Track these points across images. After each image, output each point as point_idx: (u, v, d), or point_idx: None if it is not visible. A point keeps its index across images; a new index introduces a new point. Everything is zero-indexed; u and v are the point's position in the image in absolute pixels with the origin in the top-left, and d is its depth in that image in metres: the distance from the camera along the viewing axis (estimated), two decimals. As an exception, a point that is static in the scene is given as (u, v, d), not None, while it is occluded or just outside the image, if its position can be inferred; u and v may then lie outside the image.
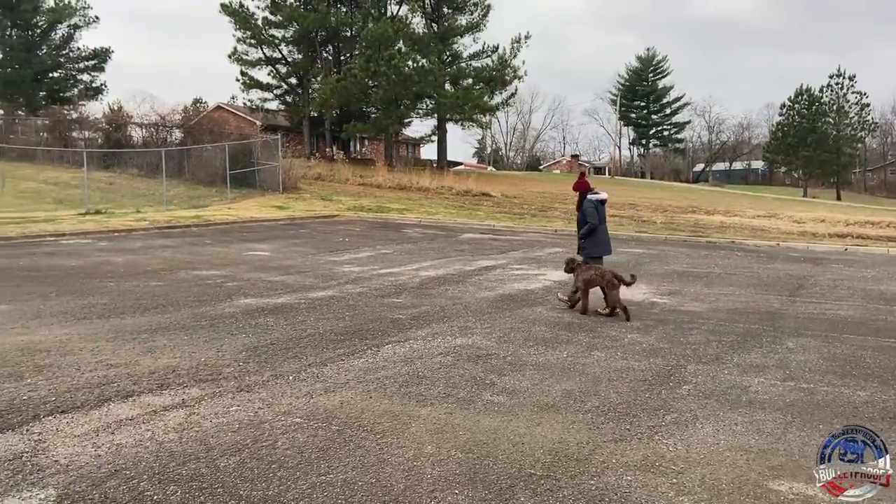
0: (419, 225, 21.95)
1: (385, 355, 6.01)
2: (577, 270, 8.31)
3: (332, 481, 3.45)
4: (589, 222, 8.70)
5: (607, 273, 8.10)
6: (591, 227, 8.71)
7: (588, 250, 8.79)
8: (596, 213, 8.73)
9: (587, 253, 8.80)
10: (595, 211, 8.73)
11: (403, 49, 39.78)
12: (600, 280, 8.04)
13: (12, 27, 51.78)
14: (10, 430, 4.04)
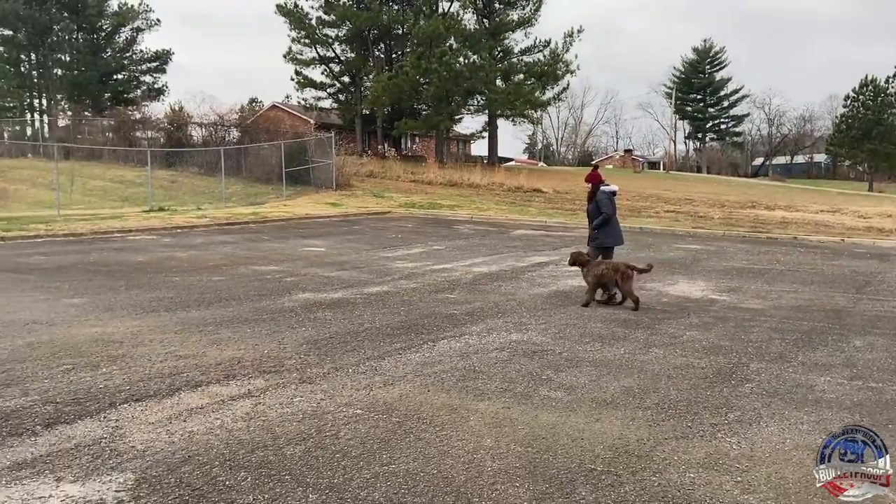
0: (470, 221, 21.99)
1: (441, 350, 6.07)
2: (588, 266, 8.36)
3: (394, 471, 3.52)
4: (603, 213, 8.82)
5: (620, 265, 8.19)
6: (607, 218, 8.82)
7: (601, 240, 8.92)
8: (610, 204, 8.88)
9: (600, 243, 8.92)
10: (609, 202, 8.88)
11: (454, 45, 39.85)
12: (614, 274, 8.12)
13: (78, 31, 53.89)
14: (89, 416, 4.25)
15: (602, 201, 8.85)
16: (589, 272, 8.33)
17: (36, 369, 5.20)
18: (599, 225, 8.87)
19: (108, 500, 3.16)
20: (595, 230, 8.97)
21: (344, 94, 46.91)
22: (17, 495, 3.18)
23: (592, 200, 9.04)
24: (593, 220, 9.02)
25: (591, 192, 9.06)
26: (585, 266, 8.42)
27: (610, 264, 8.33)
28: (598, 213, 8.91)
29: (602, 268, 8.25)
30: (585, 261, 8.47)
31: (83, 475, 3.41)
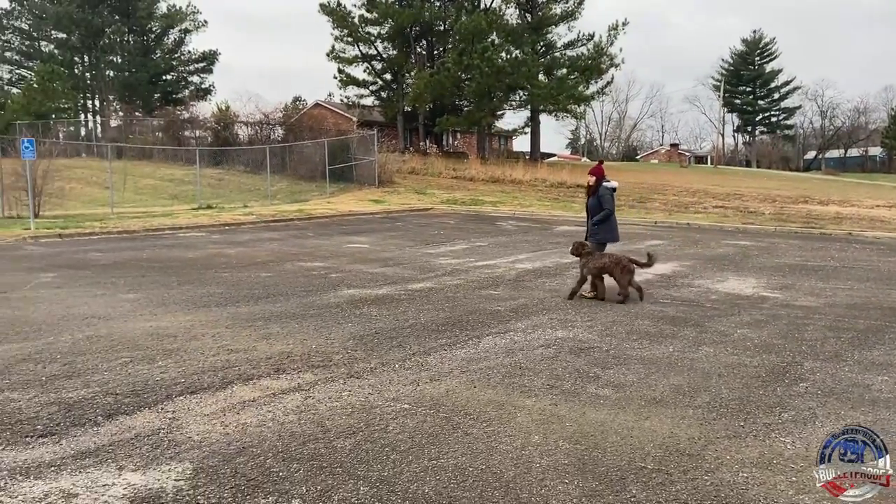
0: (513, 218, 21.92)
1: (486, 346, 6.08)
2: (589, 257, 8.38)
3: (443, 466, 3.55)
4: (605, 209, 8.85)
5: (623, 259, 8.28)
6: (609, 214, 8.87)
7: (601, 236, 8.92)
8: (612, 200, 8.96)
9: (600, 238, 8.91)
10: (611, 198, 8.95)
11: (497, 41, 39.72)
12: (615, 266, 8.20)
13: (129, 33, 55.40)
14: (147, 408, 4.39)
15: (605, 197, 8.90)
16: (589, 263, 8.37)
17: (96, 362, 5.39)
18: (601, 220, 8.90)
19: (167, 489, 3.26)
20: (595, 225, 9.01)
21: (386, 92, 47.21)
22: (82, 483, 3.31)
23: (594, 195, 9.07)
24: (593, 215, 9.06)
25: (594, 187, 9.04)
26: (586, 257, 8.49)
27: (612, 257, 8.40)
28: (599, 208, 8.93)
29: (605, 260, 8.34)
30: (588, 252, 8.54)
31: (143, 464, 3.53)
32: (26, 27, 56.35)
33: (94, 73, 56.12)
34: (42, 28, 55.44)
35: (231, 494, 3.20)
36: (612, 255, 8.51)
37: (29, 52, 56.46)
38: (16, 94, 51.75)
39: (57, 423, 4.09)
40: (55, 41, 55.87)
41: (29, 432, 3.94)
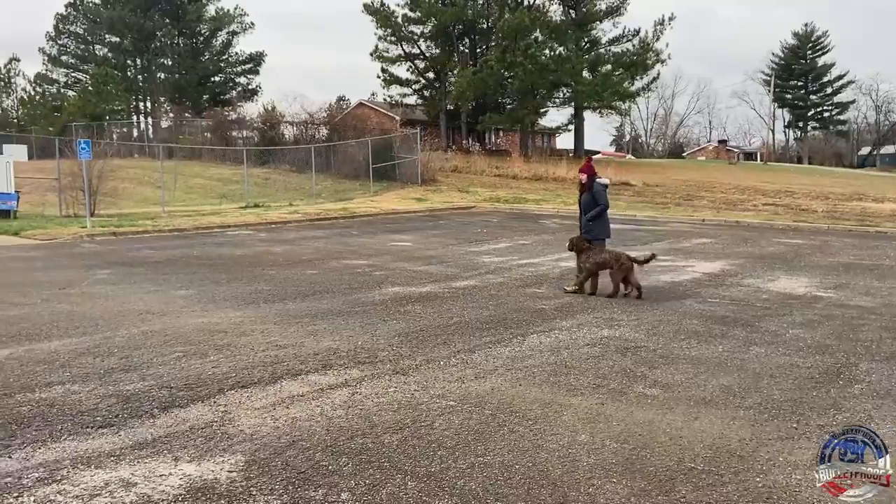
0: (556, 216, 21.77)
1: (531, 344, 6.07)
2: (587, 252, 8.44)
3: (489, 462, 3.56)
4: (601, 204, 8.86)
5: (622, 255, 8.32)
6: (604, 209, 8.88)
7: (595, 232, 8.90)
8: (606, 196, 9.01)
9: (595, 235, 8.89)
10: (605, 194, 9.00)
11: (540, 38, 39.49)
12: (614, 262, 8.24)
13: (179, 36, 56.79)
14: (200, 401, 4.51)
15: (600, 193, 8.93)
16: (589, 258, 8.41)
17: (151, 356, 5.56)
18: (595, 217, 8.89)
19: (221, 479, 3.35)
20: (590, 221, 8.99)
21: (429, 91, 47.37)
22: (140, 473, 3.42)
23: (587, 192, 9.06)
24: (587, 212, 9.04)
25: (587, 184, 9.02)
26: (585, 252, 8.53)
27: (612, 253, 8.46)
28: (593, 205, 8.92)
29: (605, 255, 8.40)
30: (586, 247, 8.56)
31: (198, 456, 3.63)
32: (81, 31, 58.24)
33: (145, 75, 57.72)
34: (96, 32, 57.22)
35: (282, 486, 3.27)
36: (610, 251, 8.61)
37: (84, 55, 58.35)
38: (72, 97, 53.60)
39: (115, 414, 4.24)
40: (109, 45, 57.62)
41: (89, 423, 4.09)
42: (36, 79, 58.44)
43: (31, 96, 57.93)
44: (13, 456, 3.62)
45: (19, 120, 56.85)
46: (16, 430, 3.96)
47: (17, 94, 60.06)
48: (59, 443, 3.79)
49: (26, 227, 16.47)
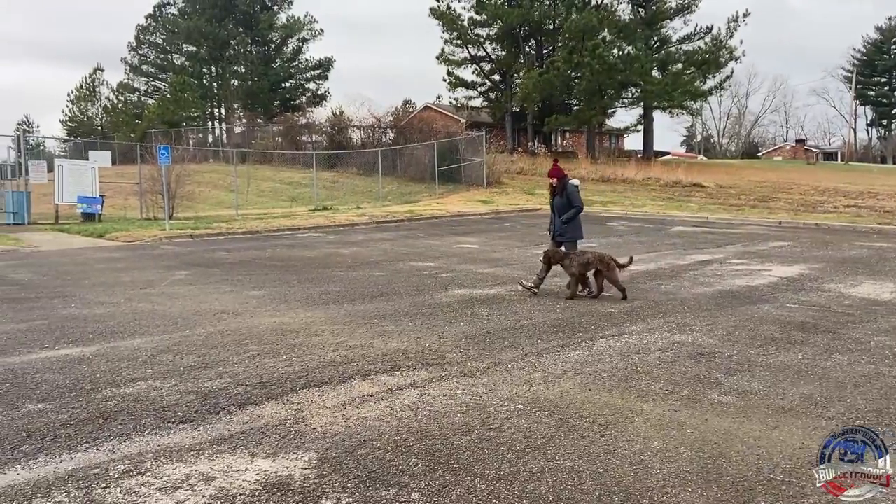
0: (624, 218, 21.39)
1: (600, 348, 5.98)
2: (570, 258, 8.40)
3: (559, 467, 3.52)
4: (576, 206, 8.90)
5: (605, 256, 8.35)
6: (580, 210, 8.95)
7: (571, 234, 8.97)
8: (580, 197, 9.04)
9: (570, 237, 8.96)
10: (578, 195, 9.02)
11: (608, 38, 38.85)
12: (598, 263, 8.25)
13: (252, 44, 58.56)
14: (274, 399, 4.63)
15: (574, 194, 8.93)
16: (574, 261, 8.36)
17: (227, 354, 5.75)
18: (571, 218, 8.89)
19: (295, 476, 3.43)
20: (566, 224, 8.93)
21: (494, 93, 47.33)
22: (219, 468, 3.54)
23: (560, 194, 8.96)
24: (561, 214, 9.00)
25: (559, 187, 8.98)
26: (566, 259, 8.46)
27: (594, 254, 8.47)
28: (567, 207, 8.91)
29: (588, 256, 8.38)
30: (564, 254, 8.56)
31: (273, 452, 3.73)
32: (161, 42, 60.82)
33: (220, 82, 59.77)
34: (175, 42, 59.65)
35: (354, 485, 3.32)
36: (592, 252, 8.58)
37: (163, 65, 60.92)
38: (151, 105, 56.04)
39: (194, 410, 4.40)
40: (186, 54, 59.96)
41: (170, 418, 4.26)
42: (118, 88, 61.42)
43: (114, 104, 60.85)
44: (101, 448, 3.80)
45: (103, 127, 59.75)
46: (103, 424, 4.16)
47: (101, 103, 63.11)
48: (143, 436, 3.97)
49: (110, 229, 17.31)
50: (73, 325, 6.91)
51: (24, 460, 3.63)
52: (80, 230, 17.74)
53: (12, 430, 4.05)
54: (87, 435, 3.97)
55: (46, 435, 3.97)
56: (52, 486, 3.33)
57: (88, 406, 4.46)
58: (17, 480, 3.39)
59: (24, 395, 4.68)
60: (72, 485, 3.34)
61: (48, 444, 3.85)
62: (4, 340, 6.25)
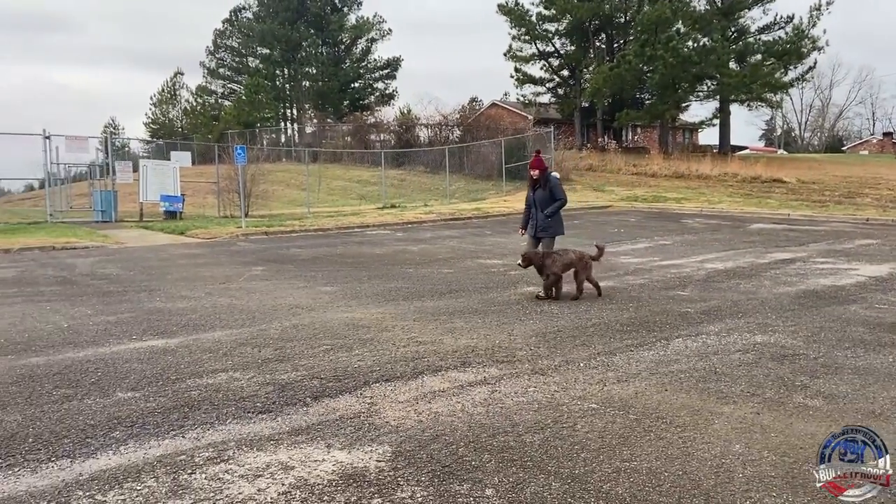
0: (700, 215, 20.78)
1: (676, 348, 5.82)
2: (552, 258, 8.08)
3: (636, 468, 3.45)
4: (560, 199, 8.60)
5: (585, 255, 8.16)
6: (564, 203, 8.67)
7: (553, 230, 8.67)
8: (563, 190, 8.74)
9: (552, 232, 8.66)
10: (562, 188, 8.73)
11: (682, 29, 37.80)
12: (578, 262, 8.07)
13: (322, 45, 59.78)
14: (348, 392, 4.71)
15: (557, 187, 8.64)
16: (557, 261, 8.04)
17: (302, 348, 5.89)
18: (555, 212, 8.59)
19: (370, 468, 3.48)
20: (549, 217, 8.60)
21: (563, 88, 46.82)
22: (297, 457, 3.63)
23: (542, 187, 8.63)
24: (543, 208, 8.60)
25: (540, 180, 8.65)
26: (547, 259, 8.09)
27: (576, 253, 8.20)
28: (550, 200, 8.58)
29: (571, 256, 8.11)
30: (545, 254, 8.22)
31: (348, 444, 3.80)
32: (236, 45, 62.83)
33: (292, 84, 61.30)
34: (250, 45, 61.52)
35: (428, 479, 3.35)
36: (573, 251, 8.26)
37: (239, 67, 62.94)
38: (228, 106, 57.93)
39: (273, 401, 4.52)
40: (260, 56, 61.75)
41: (250, 408, 4.39)
42: (197, 90, 63.78)
43: (193, 107, 63.21)
44: (186, 436, 3.95)
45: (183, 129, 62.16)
46: (187, 413, 4.33)
47: (181, 106, 65.68)
48: (225, 425, 4.11)
49: (190, 226, 18.01)
50: (158, 317, 7.22)
51: (116, 446, 3.81)
52: (162, 227, 18.54)
53: (104, 416, 4.27)
54: (174, 423, 4.15)
55: (136, 422, 4.16)
56: (142, 471, 3.49)
57: (174, 395, 4.66)
58: (108, 465, 3.57)
59: (115, 384, 4.92)
60: (160, 470, 3.49)
61: (137, 430, 4.03)
62: (96, 331, 6.60)
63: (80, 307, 7.84)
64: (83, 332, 6.59)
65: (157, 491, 3.26)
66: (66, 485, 3.34)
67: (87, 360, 5.57)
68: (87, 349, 5.92)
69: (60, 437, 3.93)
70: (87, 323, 6.99)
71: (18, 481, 3.38)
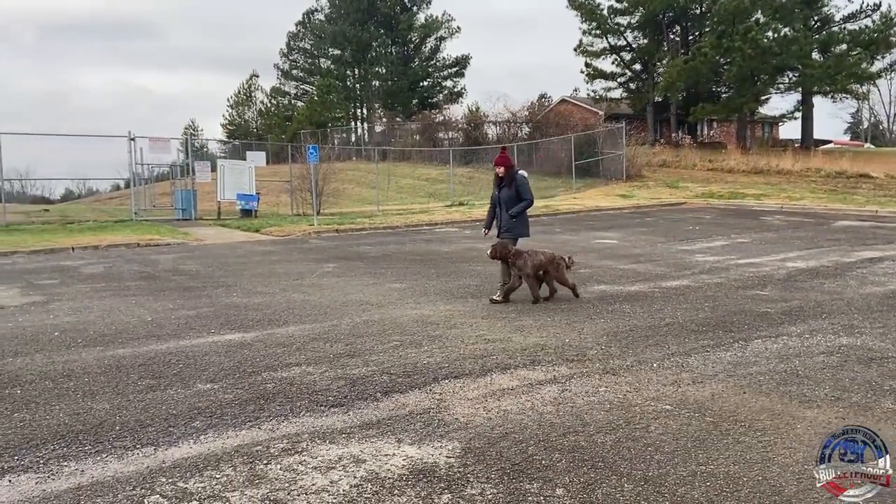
0: (780, 212, 19.97)
1: (755, 350, 5.61)
2: (520, 257, 7.71)
3: (712, 472, 3.34)
4: (527, 198, 8.16)
5: (556, 256, 7.89)
6: (530, 203, 8.22)
7: (517, 231, 8.20)
8: (531, 190, 8.29)
9: (516, 233, 8.18)
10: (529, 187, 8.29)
11: (762, 19, 36.37)
12: (549, 264, 7.78)
13: (392, 45, 60.43)
14: (417, 388, 4.75)
15: (524, 186, 8.19)
16: (527, 261, 7.69)
17: (372, 344, 5.97)
18: (520, 212, 8.14)
19: (440, 464, 3.50)
20: (514, 218, 8.15)
21: (635, 83, 45.84)
22: (368, 451, 3.68)
23: (508, 186, 8.19)
24: (509, 207, 8.12)
25: (506, 177, 8.21)
26: (517, 258, 7.68)
27: (546, 254, 7.86)
28: (516, 200, 8.13)
29: (541, 257, 7.77)
30: (514, 252, 7.78)
31: (418, 439, 3.83)
32: (309, 47, 64.23)
33: (362, 84, 62.21)
34: (321, 47, 62.75)
35: (497, 476, 3.33)
36: (544, 252, 7.87)
37: (311, 69, 64.30)
38: (300, 107, 59.32)
39: (344, 395, 4.60)
40: (332, 57, 62.90)
41: (323, 402, 4.48)
42: (271, 92, 65.54)
43: (268, 108, 65.02)
44: (262, 427, 4.07)
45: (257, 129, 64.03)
46: (263, 404, 4.45)
47: (256, 107, 67.65)
48: (299, 418, 4.21)
49: (265, 224, 18.54)
50: (235, 312, 7.47)
51: (196, 435, 3.96)
52: (238, 225, 19.17)
53: (185, 406, 4.44)
54: (250, 414, 4.28)
55: (214, 413, 4.31)
56: (221, 460, 3.61)
57: (250, 387, 4.80)
58: (189, 453, 3.71)
59: (195, 376, 5.12)
60: (237, 460, 3.61)
61: (216, 421, 4.18)
62: (178, 325, 6.88)
63: (162, 301, 8.19)
64: (165, 325, 6.88)
65: (234, 480, 3.37)
66: (150, 471, 3.49)
67: (169, 352, 5.82)
68: (170, 342, 6.18)
69: (145, 426, 4.11)
70: (170, 317, 7.29)
71: (106, 467, 3.56)
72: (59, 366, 5.44)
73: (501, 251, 7.84)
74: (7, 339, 6.36)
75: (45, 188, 41.72)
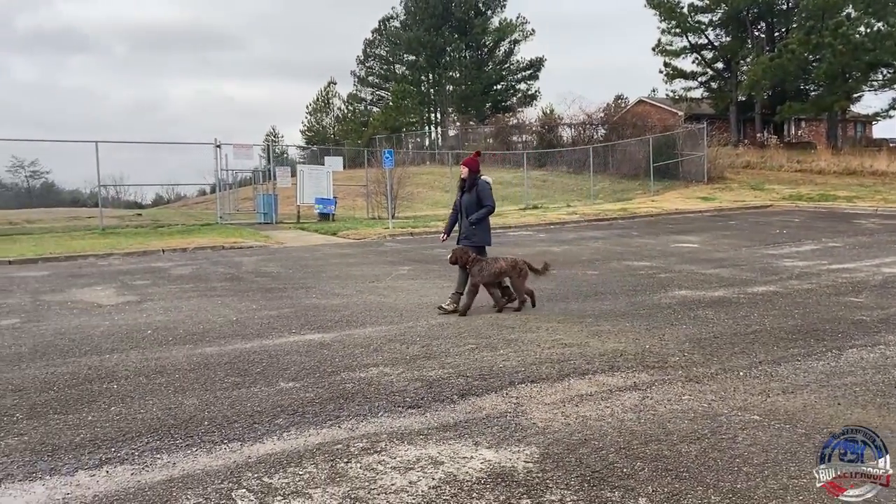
0: (875, 215, 18.91)
1: (850, 360, 5.32)
2: (479, 264, 7.44)
3: (805, 486, 3.18)
4: (487, 205, 7.81)
5: (519, 261, 7.59)
6: (491, 210, 7.88)
7: (478, 238, 7.83)
8: (492, 196, 7.94)
9: (476, 241, 7.81)
10: (491, 194, 7.93)
11: (853, 14, 34.56)
12: (511, 270, 7.47)
13: (466, 49, 60.67)
14: (494, 391, 4.73)
15: (486, 192, 7.84)
16: (484, 269, 7.42)
17: (447, 346, 5.99)
18: (481, 219, 7.79)
19: (518, 468, 3.47)
20: (473, 225, 7.79)
21: (716, 82, 44.37)
22: (446, 453, 3.69)
23: (470, 190, 7.83)
24: (469, 214, 7.81)
25: (470, 182, 7.85)
26: (476, 264, 7.33)
27: (507, 260, 7.59)
28: (476, 206, 7.79)
29: (500, 264, 7.48)
30: (473, 258, 7.52)
31: (495, 443, 3.81)
32: (384, 54, 65.28)
33: (436, 88, 62.68)
34: (396, 53, 63.66)
35: (577, 483, 3.28)
36: (505, 258, 7.51)
37: (386, 75, 65.32)
38: (376, 113, 60.35)
39: (421, 397, 4.64)
40: (406, 63, 63.71)
41: (400, 403, 4.53)
42: (348, 98, 66.93)
43: (345, 114, 66.41)
44: (342, 426, 4.15)
45: (335, 135, 65.47)
46: (343, 404, 4.54)
47: (333, 113, 69.22)
48: (378, 418, 4.26)
49: (342, 227, 18.94)
50: (314, 313, 7.65)
51: (279, 432, 4.07)
52: (316, 228, 19.65)
53: (269, 404, 4.57)
54: (330, 413, 4.36)
55: (297, 411, 4.42)
56: (303, 457, 3.70)
57: (330, 387, 4.90)
58: (273, 450, 3.82)
59: (278, 374, 5.26)
60: (319, 457, 3.69)
61: (298, 419, 4.28)
62: (261, 325, 7.10)
63: (246, 302, 8.48)
64: (249, 325, 7.12)
65: (316, 477, 3.44)
66: (237, 466, 3.61)
67: (253, 350, 6.01)
68: (254, 341, 6.39)
69: (231, 422, 4.26)
70: (253, 317, 7.54)
71: (196, 461, 3.70)
72: (151, 363, 5.71)
73: (462, 256, 7.64)
74: (105, 337, 6.72)
75: (136, 193, 43.94)
